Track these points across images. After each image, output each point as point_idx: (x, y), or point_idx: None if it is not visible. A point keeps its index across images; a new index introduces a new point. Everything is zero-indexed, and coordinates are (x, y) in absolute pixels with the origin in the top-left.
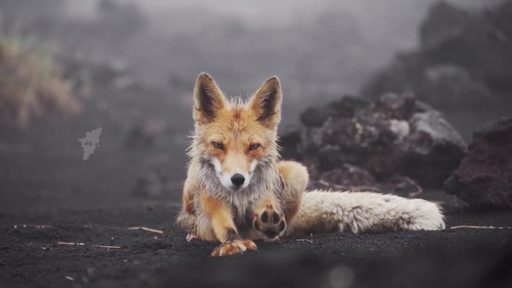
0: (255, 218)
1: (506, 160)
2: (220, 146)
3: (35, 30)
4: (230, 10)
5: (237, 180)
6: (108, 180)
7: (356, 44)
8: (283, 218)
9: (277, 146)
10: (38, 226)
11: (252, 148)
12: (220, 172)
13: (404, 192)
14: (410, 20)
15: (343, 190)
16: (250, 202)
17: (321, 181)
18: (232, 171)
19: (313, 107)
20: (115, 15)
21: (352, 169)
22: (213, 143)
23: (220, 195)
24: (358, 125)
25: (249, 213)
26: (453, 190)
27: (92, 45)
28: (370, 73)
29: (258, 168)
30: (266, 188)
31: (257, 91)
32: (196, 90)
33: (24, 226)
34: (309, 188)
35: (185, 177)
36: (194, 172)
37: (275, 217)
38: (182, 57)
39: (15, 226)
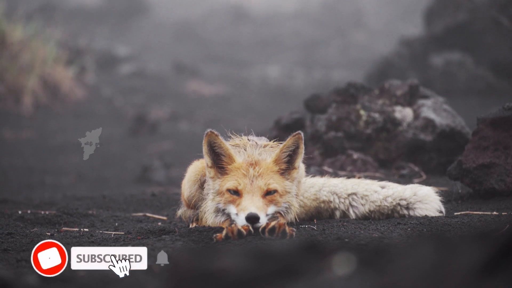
0: (263, 224)
1: (510, 146)
2: (236, 193)
3: (38, 16)
4: None
5: (251, 219)
6: (112, 166)
7: (360, 30)
8: (289, 230)
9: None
10: (42, 212)
11: (268, 194)
12: (236, 214)
13: (408, 179)
14: (415, 5)
15: (348, 176)
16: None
17: (325, 168)
18: (247, 210)
19: (317, 93)
20: (118, 1)
21: (356, 155)
22: (228, 190)
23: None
24: (362, 112)
25: None
26: (456, 176)
27: (95, 31)
28: (374, 59)
29: (278, 213)
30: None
31: (281, 146)
32: (204, 148)
33: (29, 212)
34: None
35: (188, 163)
36: (191, 188)
37: (283, 233)
38: (186, 43)
39: (20, 212)
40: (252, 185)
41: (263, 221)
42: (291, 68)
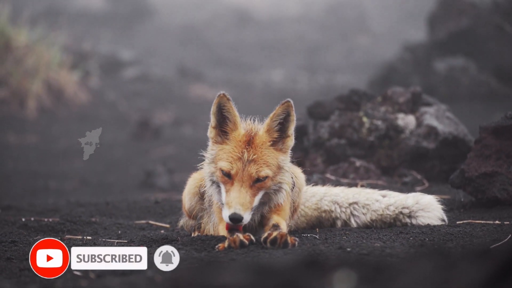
0: (265, 235)
1: None
2: (228, 175)
3: (43, 20)
4: (238, 0)
5: (234, 220)
6: (116, 171)
7: (364, 34)
8: (290, 240)
9: (291, 157)
10: (46, 219)
11: (259, 181)
12: (223, 204)
13: (410, 186)
14: (419, 9)
15: (350, 184)
16: (261, 215)
17: (328, 175)
18: (231, 209)
19: (320, 100)
20: (123, 5)
21: (358, 163)
22: (221, 170)
23: None
24: (364, 119)
25: (262, 216)
26: (459, 185)
27: (100, 35)
28: (378, 64)
29: (267, 194)
30: (276, 204)
31: (271, 115)
32: (213, 108)
33: (32, 219)
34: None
35: (191, 168)
36: (191, 196)
37: (284, 243)
38: (190, 47)
39: (23, 219)
40: (244, 171)
41: (246, 219)
42: (294, 72)
